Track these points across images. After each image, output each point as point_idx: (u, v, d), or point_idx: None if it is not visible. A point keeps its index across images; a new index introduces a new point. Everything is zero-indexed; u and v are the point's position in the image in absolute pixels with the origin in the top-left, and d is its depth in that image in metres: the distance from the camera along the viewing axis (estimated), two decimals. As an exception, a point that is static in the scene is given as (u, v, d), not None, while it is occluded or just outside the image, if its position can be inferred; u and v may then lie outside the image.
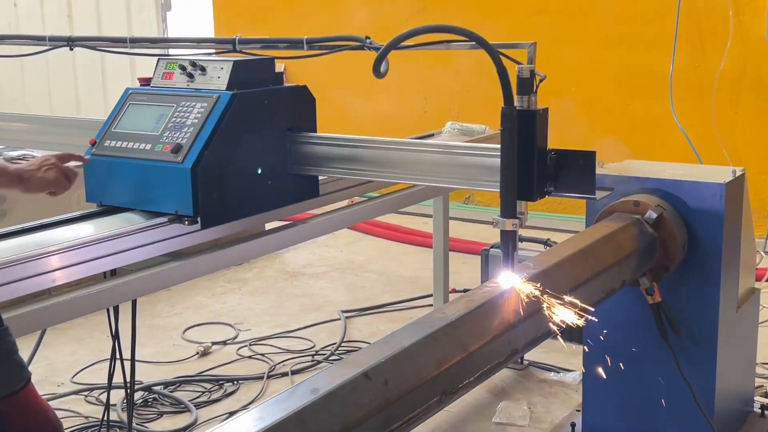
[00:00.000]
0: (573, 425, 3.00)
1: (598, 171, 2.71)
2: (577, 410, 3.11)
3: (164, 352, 4.31)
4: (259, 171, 2.89)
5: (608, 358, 2.73)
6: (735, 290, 2.76)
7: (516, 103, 2.13)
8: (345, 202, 3.33)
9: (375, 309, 4.83)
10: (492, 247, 4.32)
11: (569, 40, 6.20)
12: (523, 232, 4.27)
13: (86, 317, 3.13)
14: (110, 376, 2.91)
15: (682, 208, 2.61)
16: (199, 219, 2.68)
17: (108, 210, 2.76)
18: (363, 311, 4.79)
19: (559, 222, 6.00)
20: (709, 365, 2.65)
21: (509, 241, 2.14)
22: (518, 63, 2.25)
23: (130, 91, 2.99)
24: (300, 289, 5.24)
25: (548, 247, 4.31)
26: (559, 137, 6.16)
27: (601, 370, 2.71)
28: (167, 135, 2.77)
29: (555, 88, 6.24)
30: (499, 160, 2.17)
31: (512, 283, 1.96)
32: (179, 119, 2.80)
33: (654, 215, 2.54)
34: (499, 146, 2.18)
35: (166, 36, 7.99)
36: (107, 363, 4.04)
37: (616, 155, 4.63)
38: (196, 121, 2.76)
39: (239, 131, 2.81)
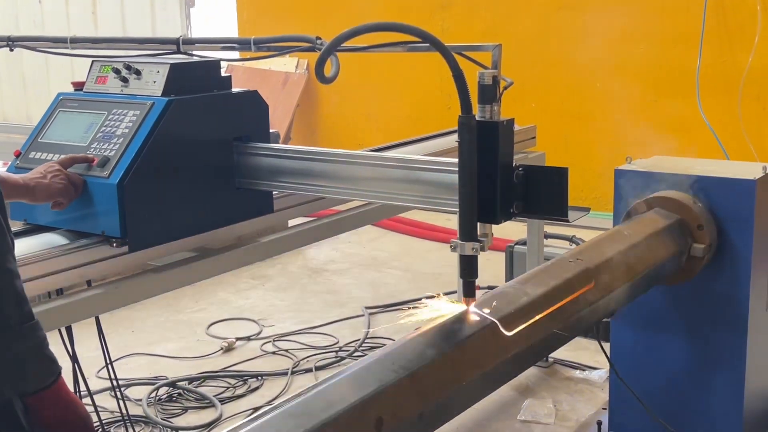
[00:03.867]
0: (599, 423, 2.97)
1: (627, 167, 2.69)
2: (603, 408, 3.08)
3: (189, 348, 4.32)
4: (200, 186, 2.61)
5: (635, 356, 2.71)
6: (765, 288, 2.72)
7: (477, 114, 1.89)
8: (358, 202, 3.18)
9: (398, 305, 4.82)
10: (516, 243, 4.30)
11: (594, 35, 6.15)
12: (548, 229, 4.28)
13: (111, 313, 3.15)
14: (78, 394, 2.86)
15: (712, 205, 2.57)
16: (127, 240, 2.44)
17: (31, 229, 2.50)
18: (386, 308, 4.79)
19: (583, 218, 5.95)
20: (739, 364, 2.62)
21: (469, 267, 1.94)
22: (484, 67, 2.03)
23: (61, 97, 2.73)
24: (323, 285, 5.24)
25: (574, 244, 4.28)
26: (584, 134, 6.13)
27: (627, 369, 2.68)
28: (95, 146, 2.52)
29: (579, 83, 6.22)
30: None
31: (474, 314, 1.75)
32: (109, 129, 2.55)
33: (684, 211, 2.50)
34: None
35: (189, 35, 8.03)
36: (131, 358, 4.12)
37: (642, 152, 4.59)
38: (126, 130, 2.51)
39: (176, 142, 2.56)
